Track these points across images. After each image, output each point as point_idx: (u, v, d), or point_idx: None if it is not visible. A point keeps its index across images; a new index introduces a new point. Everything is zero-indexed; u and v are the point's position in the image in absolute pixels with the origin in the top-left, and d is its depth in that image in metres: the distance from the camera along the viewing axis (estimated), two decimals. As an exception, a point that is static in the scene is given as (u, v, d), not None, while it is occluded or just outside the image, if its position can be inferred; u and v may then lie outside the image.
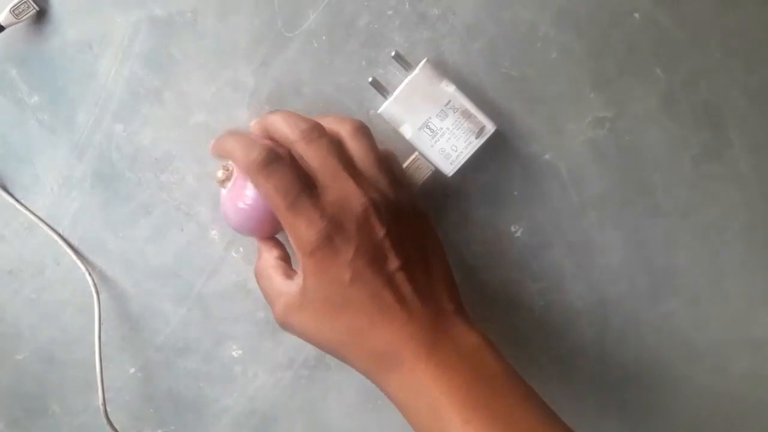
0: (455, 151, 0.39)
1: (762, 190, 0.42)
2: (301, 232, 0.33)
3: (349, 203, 0.33)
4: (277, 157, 0.33)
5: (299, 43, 0.39)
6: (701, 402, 0.44)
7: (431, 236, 0.37)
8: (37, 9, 0.38)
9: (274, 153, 0.33)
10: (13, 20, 0.38)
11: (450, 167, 0.39)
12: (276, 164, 0.33)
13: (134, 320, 0.42)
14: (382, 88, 0.39)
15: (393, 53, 0.39)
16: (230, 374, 0.43)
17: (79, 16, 0.39)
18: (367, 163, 0.35)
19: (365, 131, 0.36)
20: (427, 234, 0.37)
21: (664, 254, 0.42)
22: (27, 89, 0.40)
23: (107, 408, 0.41)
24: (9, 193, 0.41)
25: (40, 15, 0.39)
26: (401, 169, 0.39)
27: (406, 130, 0.39)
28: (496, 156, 0.41)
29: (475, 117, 0.38)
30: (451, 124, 0.38)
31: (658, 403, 0.44)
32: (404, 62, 0.39)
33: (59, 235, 0.41)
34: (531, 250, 0.42)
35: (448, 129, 0.38)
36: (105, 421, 0.41)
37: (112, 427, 0.41)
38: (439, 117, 0.38)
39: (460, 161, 0.39)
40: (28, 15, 0.38)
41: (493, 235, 0.42)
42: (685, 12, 0.40)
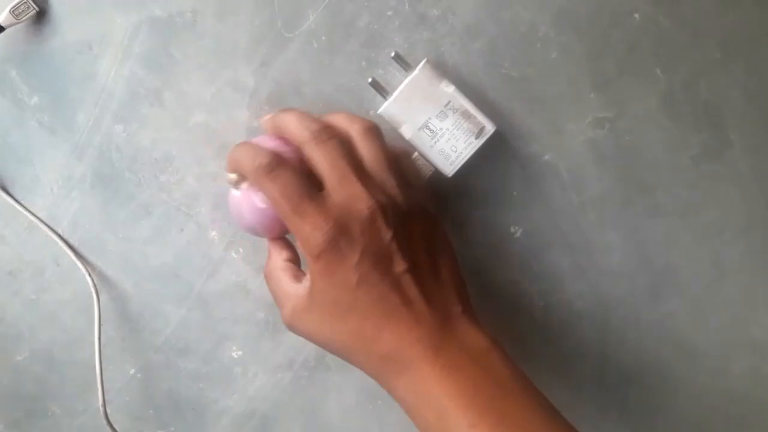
0: (455, 152, 0.39)
1: (762, 190, 0.42)
2: (307, 236, 0.33)
3: (356, 206, 0.33)
4: (281, 162, 0.34)
5: (299, 44, 0.40)
6: (701, 402, 0.44)
7: (440, 238, 0.37)
8: (37, 9, 0.38)
9: (278, 158, 0.34)
10: (13, 21, 0.38)
11: (450, 168, 0.39)
12: (280, 169, 0.33)
13: (134, 321, 0.42)
14: (381, 89, 0.39)
15: (393, 54, 0.39)
16: (230, 375, 0.43)
17: (78, 16, 0.39)
18: (376, 164, 0.35)
19: (376, 132, 0.36)
20: (436, 235, 0.36)
21: (663, 254, 0.42)
22: (27, 90, 0.40)
23: (107, 409, 0.41)
24: (9, 193, 0.41)
25: (40, 15, 0.39)
26: (409, 167, 0.39)
27: (406, 131, 0.39)
28: (496, 156, 0.41)
29: (474, 117, 0.38)
30: (451, 124, 0.38)
31: (658, 403, 0.44)
32: (404, 63, 0.39)
33: (59, 235, 0.41)
34: (531, 250, 0.42)
35: (447, 129, 0.38)
36: (105, 421, 0.41)
37: (111, 428, 0.41)
38: (439, 117, 0.38)
39: (460, 162, 0.39)
40: (28, 15, 0.38)
41: (493, 236, 0.42)
42: (685, 12, 0.40)
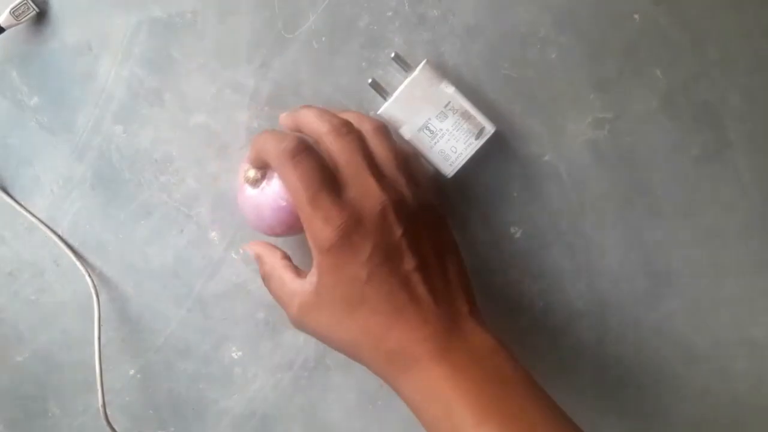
0: (455, 153, 0.39)
1: (761, 190, 0.42)
2: (319, 228, 0.33)
3: (369, 201, 0.33)
4: (307, 147, 0.34)
5: (299, 44, 0.40)
6: (700, 403, 0.44)
7: (448, 237, 0.37)
8: (37, 10, 0.38)
9: (305, 143, 0.34)
10: (13, 22, 0.38)
11: (450, 168, 0.39)
12: (305, 154, 0.33)
13: (134, 322, 0.42)
14: (381, 90, 0.39)
15: (393, 54, 0.39)
16: (230, 375, 0.43)
17: (78, 17, 0.39)
18: (387, 162, 0.35)
19: (386, 131, 0.37)
20: (444, 235, 0.36)
21: (663, 255, 0.42)
22: (27, 91, 0.40)
23: (107, 409, 0.41)
24: (9, 194, 0.41)
25: (40, 16, 0.39)
26: (418, 166, 0.39)
27: (406, 131, 0.39)
28: (496, 157, 0.41)
29: (474, 118, 0.38)
30: (451, 125, 0.38)
31: (658, 404, 0.44)
32: (404, 63, 0.39)
33: (59, 236, 0.41)
34: (531, 251, 0.42)
35: (447, 130, 0.38)
36: (105, 422, 0.41)
37: (111, 428, 0.41)
38: (439, 118, 0.38)
39: (460, 162, 0.39)
40: (28, 16, 0.38)
41: (493, 237, 0.42)
42: (685, 13, 0.40)
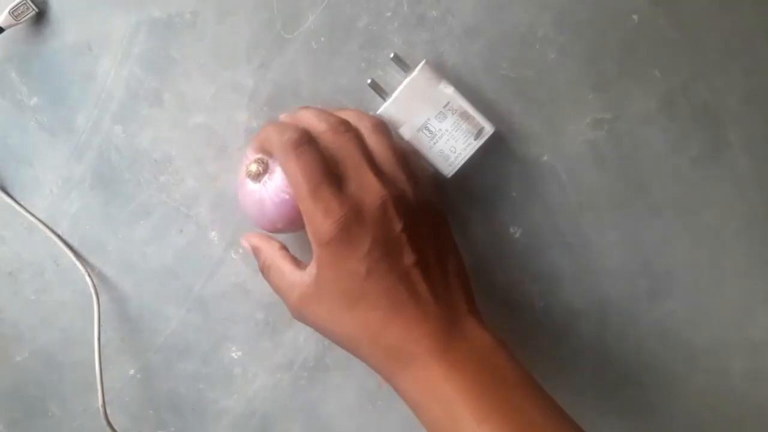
0: (454, 153, 0.39)
1: (760, 190, 0.42)
2: (320, 221, 0.33)
3: (369, 195, 0.33)
4: (310, 139, 0.34)
5: (298, 45, 0.40)
6: (700, 402, 0.44)
7: (448, 236, 0.37)
8: (37, 10, 0.38)
9: (308, 135, 0.34)
10: (13, 22, 0.38)
11: (449, 168, 0.39)
12: (307, 146, 0.33)
13: (134, 321, 0.42)
14: (381, 90, 0.39)
15: (392, 55, 0.39)
16: (230, 375, 0.43)
17: (78, 17, 0.39)
18: (387, 158, 0.35)
19: (385, 128, 0.37)
20: (444, 234, 0.37)
21: (662, 255, 0.42)
22: (26, 91, 0.40)
23: (107, 409, 0.41)
24: (8, 194, 0.41)
25: (40, 16, 0.39)
26: (418, 165, 0.39)
27: (405, 132, 0.39)
28: (495, 157, 0.41)
29: (473, 118, 0.38)
30: (450, 125, 0.38)
31: (657, 403, 0.44)
32: (403, 64, 0.39)
33: (59, 236, 0.41)
34: (530, 251, 0.42)
35: (446, 130, 0.38)
36: (105, 422, 0.41)
37: (111, 428, 0.41)
38: (438, 118, 0.38)
39: (459, 162, 0.39)
40: (27, 16, 0.38)
41: (492, 237, 0.42)
42: (684, 14, 0.40)
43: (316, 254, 0.34)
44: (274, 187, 0.36)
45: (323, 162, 0.33)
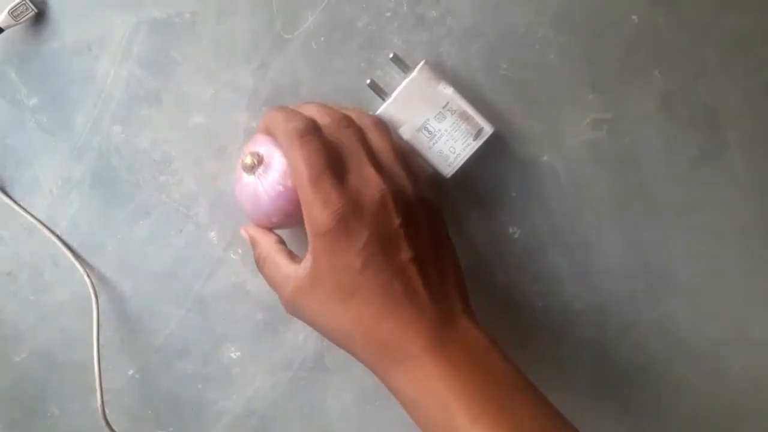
0: (453, 153, 0.39)
1: (759, 191, 0.42)
2: (317, 210, 0.33)
3: (369, 189, 0.33)
4: (316, 129, 0.34)
5: (298, 45, 0.40)
6: (699, 402, 0.44)
7: (445, 235, 0.37)
8: (36, 11, 0.38)
9: (314, 125, 0.34)
10: (12, 22, 0.38)
11: (448, 169, 0.39)
12: (312, 136, 0.34)
13: (133, 322, 0.42)
14: (380, 90, 0.39)
15: (391, 55, 0.39)
16: (229, 376, 0.43)
17: (77, 17, 0.39)
18: (387, 155, 0.35)
19: (385, 126, 0.37)
20: (441, 232, 0.37)
21: (662, 255, 0.42)
22: (26, 91, 0.40)
23: (106, 410, 0.41)
24: (8, 194, 0.41)
25: (39, 17, 0.39)
26: (416, 164, 0.39)
27: (405, 132, 0.39)
28: (494, 158, 0.41)
29: (473, 119, 0.38)
30: (450, 125, 0.38)
31: (656, 404, 0.44)
32: (402, 64, 0.39)
33: (58, 236, 0.41)
34: (529, 251, 0.42)
35: (446, 131, 0.38)
36: (104, 422, 0.41)
37: (110, 428, 0.41)
38: (437, 119, 0.38)
39: (459, 163, 0.39)
40: (26, 17, 0.38)
41: (492, 237, 0.42)
42: (683, 14, 0.40)
43: (312, 245, 0.33)
44: (269, 180, 0.36)
45: (326, 153, 0.33)
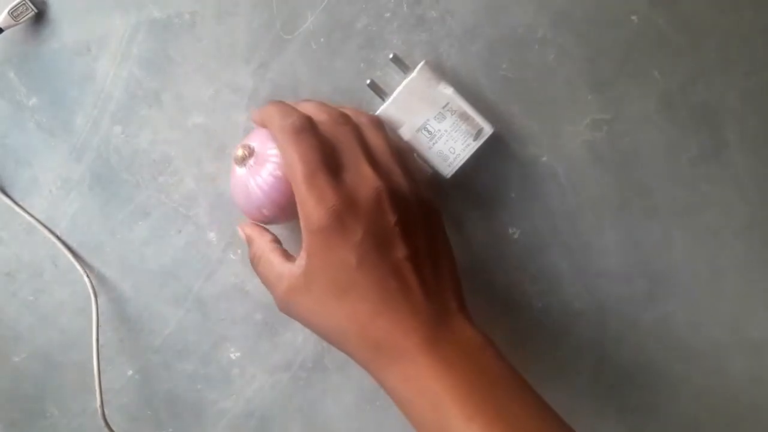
0: (453, 153, 0.39)
1: (759, 191, 0.42)
2: (312, 207, 0.33)
3: (364, 186, 0.33)
4: (312, 126, 0.34)
5: (297, 45, 0.40)
6: (699, 403, 0.44)
7: (441, 234, 0.37)
8: (36, 11, 0.38)
9: (310, 122, 0.34)
10: (12, 22, 0.38)
11: (448, 169, 0.39)
12: (309, 133, 0.34)
13: (132, 322, 0.42)
14: (380, 91, 0.39)
15: (391, 55, 0.39)
16: (228, 376, 0.43)
17: (77, 18, 0.39)
18: (383, 153, 0.35)
19: (381, 124, 0.37)
20: (438, 231, 0.36)
21: (661, 255, 0.42)
22: (25, 91, 0.40)
23: (105, 410, 0.41)
24: (7, 195, 0.41)
25: (39, 17, 0.39)
26: (414, 163, 0.39)
27: (404, 132, 0.39)
28: (494, 158, 0.41)
29: (473, 119, 0.38)
30: (449, 126, 0.38)
31: (656, 404, 0.44)
32: (402, 64, 0.39)
33: (57, 237, 0.41)
34: (529, 252, 0.42)
35: (446, 131, 0.38)
36: (103, 423, 0.41)
37: (109, 429, 0.41)
38: (437, 119, 0.38)
39: (458, 163, 0.39)
40: (26, 17, 0.38)
41: (491, 237, 0.42)
42: (683, 15, 0.40)
43: (306, 242, 0.33)
44: (259, 171, 0.36)
45: (321, 150, 0.33)
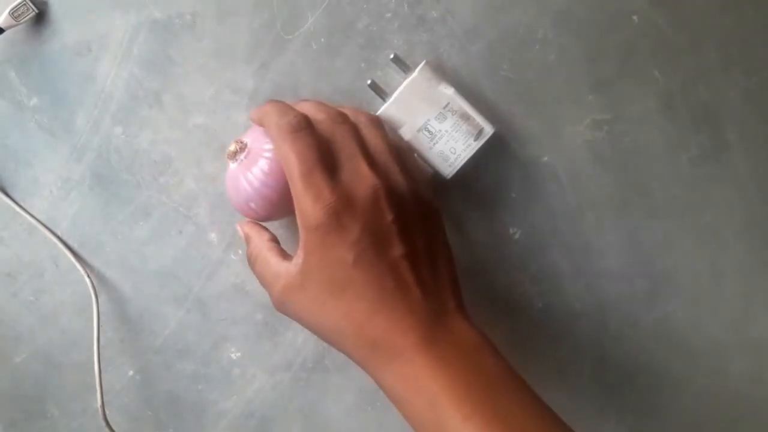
0: (454, 154, 0.39)
1: (760, 191, 0.42)
2: (308, 205, 0.33)
3: (361, 184, 0.33)
4: (309, 125, 0.34)
5: (298, 46, 0.40)
6: (700, 403, 0.44)
7: (440, 232, 0.37)
8: (37, 11, 0.38)
9: (307, 121, 0.34)
10: (13, 22, 0.38)
11: (449, 169, 0.39)
12: (306, 132, 0.34)
13: (133, 322, 0.42)
14: (380, 91, 0.39)
15: (392, 56, 0.39)
16: (229, 376, 0.43)
17: (78, 18, 0.39)
18: (381, 151, 0.35)
19: (380, 123, 0.37)
20: (436, 230, 0.36)
21: (662, 256, 0.42)
22: (26, 91, 0.40)
23: (106, 410, 0.41)
24: (8, 195, 0.41)
25: (40, 17, 0.39)
26: (413, 162, 0.39)
27: (405, 132, 0.39)
28: (495, 158, 0.41)
29: (473, 119, 0.38)
30: (450, 126, 0.38)
31: (657, 405, 0.44)
32: (403, 64, 0.39)
33: (58, 237, 0.41)
34: (529, 252, 0.42)
35: (446, 131, 0.38)
36: (103, 423, 0.41)
37: (110, 429, 0.41)
38: (438, 119, 0.38)
39: (459, 163, 0.39)
40: (27, 17, 0.38)
41: (492, 238, 0.42)
42: (684, 15, 0.40)
43: (303, 240, 0.33)
44: (249, 166, 0.36)
45: (318, 148, 0.33)
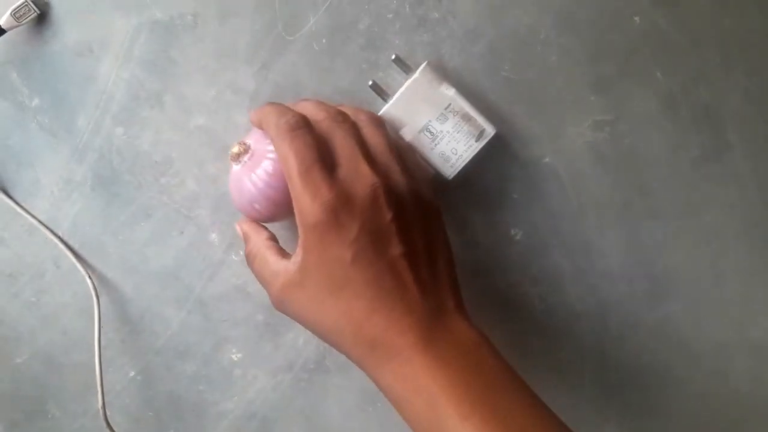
0: (455, 154, 0.39)
1: (761, 192, 0.42)
2: (307, 203, 0.33)
3: (360, 183, 0.33)
4: (307, 124, 0.34)
5: (299, 46, 0.40)
6: (700, 404, 0.44)
7: (440, 232, 0.37)
8: (38, 12, 0.38)
9: (305, 121, 0.34)
10: (14, 23, 0.38)
11: (450, 170, 0.39)
12: (303, 131, 0.34)
13: (134, 323, 0.42)
14: (382, 92, 0.39)
15: (393, 56, 0.39)
16: (230, 377, 0.43)
17: (79, 19, 0.39)
18: (381, 150, 0.35)
19: (380, 122, 0.37)
20: (436, 229, 0.36)
21: (663, 257, 0.42)
22: (27, 92, 0.40)
23: (107, 411, 0.41)
24: (9, 196, 0.41)
25: (41, 18, 0.39)
26: (415, 162, 0.39)
27: (406, 133, 0.39)
28: (496, 159, 0.41)
29: (475, 120, 0.38)
30: (451, 127, 0.38)
31: (658, 406, 0.44)
32: (404, 65, 0.39)
33: (59, 238, 0.41)
34: (531, 253, 0.42)
35: (448, 132, 0.38)
36: (104, 424, 0.41)
37: (111, 430, 0.41)
38: (439, 120, 0.38)
39: (460, 164, 0.39)
40: (29, 18, 0.38)
41: (493, 238, 0.42)
42: (685, 15, 0.40)
43: (302, 238, 0.33)
44: (253, 167, 0.36)
45: (317, 147, 0.34)
